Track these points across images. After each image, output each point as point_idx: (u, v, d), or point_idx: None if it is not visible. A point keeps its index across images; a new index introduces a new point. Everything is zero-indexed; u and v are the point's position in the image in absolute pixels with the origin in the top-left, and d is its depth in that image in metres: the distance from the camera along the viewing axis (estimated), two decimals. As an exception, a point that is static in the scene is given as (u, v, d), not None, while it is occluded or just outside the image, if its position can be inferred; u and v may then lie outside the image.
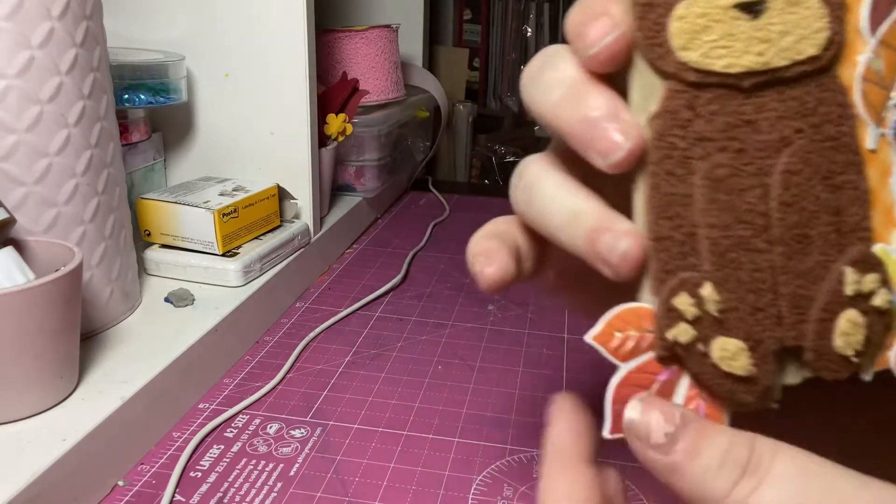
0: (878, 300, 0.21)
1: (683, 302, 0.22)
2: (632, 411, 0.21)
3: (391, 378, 0.49)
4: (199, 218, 0.54)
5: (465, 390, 0.48)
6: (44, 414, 0.37)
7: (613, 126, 0.21)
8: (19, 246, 0.39)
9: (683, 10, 0.21)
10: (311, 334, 0.55)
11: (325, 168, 0.70)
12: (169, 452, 0.41)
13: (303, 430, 0.43)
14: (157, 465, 0.40)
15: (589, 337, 0.22)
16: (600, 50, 0.21)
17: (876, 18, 0.22)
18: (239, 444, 0.42)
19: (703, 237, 0.22)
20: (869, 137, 0.22)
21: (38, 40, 0.38)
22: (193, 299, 0.51)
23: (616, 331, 0.22)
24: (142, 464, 0.40)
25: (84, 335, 0.44)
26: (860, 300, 0.22)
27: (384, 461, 0.40)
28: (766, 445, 0.19)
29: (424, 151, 1.02)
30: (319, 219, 0.69)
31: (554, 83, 0.22)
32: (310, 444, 0.42)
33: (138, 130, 0.59)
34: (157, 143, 0.63)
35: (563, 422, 0.23)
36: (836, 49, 0.22)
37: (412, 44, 1.10)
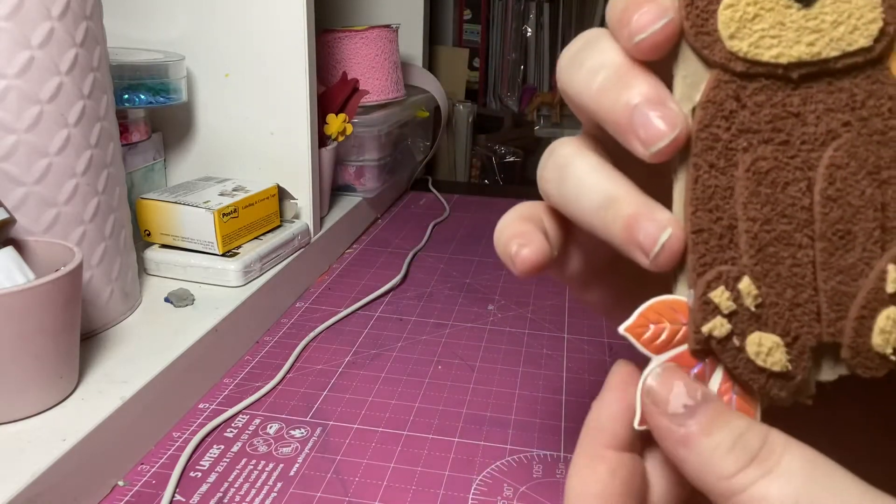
0: None
1: (720, 295, 0.21)
2: (653, 378, 0.20)
3: (391, 378, 0.49)
4: (199, 218, 0.54)
5: (465, 390, 0.48)
6: (44, 414, 0.37)
7: (658, 114, 0.20)
8: (19, 246, 0.39)
9: None
10: (311, 334, 0.55)
11: (325, 168, 0.70)
12: (169, 452, 0.41)
13: (303, 430, 0.43)
14: (157, 465, 0.40)
15: (622, 328, 0.22)
16: (647, 37, 0.20)
17: None
18: (239, 444, 0.42)
19: (743, 231, 0.22)
20: None
21: (38, 40, 0.38)
22: (193, 299, 0.51)
23: (650, 323, 0.22)
24: (142, 464, 0.40)
25: (84, 335, 0.44)
26: None
27: (384, 461, 0.40)
28: (778, 438, 0.19)
29: (424, 151, 1.02)
30: (319, 219, 0.69)
31: (596, 67, 0.21)
32: (310, 444, 0.42)
33: (138, 130, 0.59)
34: (157, 143, 0.63)
35: (606, 402, 0.22)
36: (888, 40, 0.21)
37: (412, 44, 1.10)
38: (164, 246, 0.56)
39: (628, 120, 0.21)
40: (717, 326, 0.21)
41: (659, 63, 0.21)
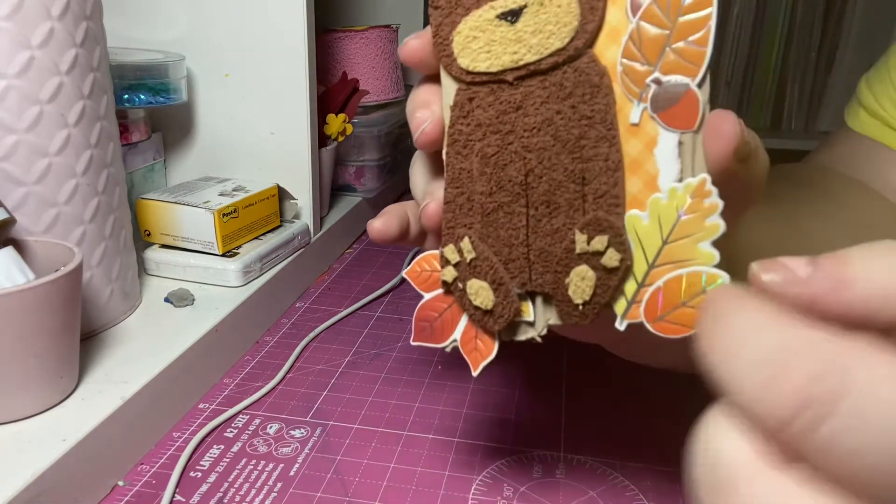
0: (605, 259, 0.25)
1: (449, 251, 0.28)
2: (766, 273, 0.19)
3: (391, 378, 0.49)
4: (199, 218, 0.54)
5: (465, 390, 0.48)
6: (44, 414, 0.37)
7: (418, 113, 0.28)
8: (19, 246, 0.39)
9: (462, 26, 0.26)
10: (311, 334, 0.55)
11: (325, 168, 0.70)
12: (169, 452, 0.41)
13: (303, 430, 0.43)
14: (157, 465, 0.40)
15: (403, 272, 0.30)
16: (402, 52, 0.28)
17: (637, 0, 0.24)
18: (239, 444, 0.42)
19: (476, 202, 0.27)
20: (633, 113, 0.25)
21: (38, 40, 0.38)
22: (193, 299, 0.51)
23: (422, 269, 0.29)
24: (142, 464, 0.40)
25: (84, 335, 0.44)
26: (592, 257, 0.25)
27: (384, 461, 0.40)
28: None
29: (424, 151, 1.02)
30: (319, 219, 0.69)
31: (415, 85, 0.30)
32: (310, 444, 0.42)
33: (138, 130, 0.59)
34: (157, 143, 0.63)
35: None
36: (585, 37, 0.25)
37: (412, 44, 1.09)
38: (164, 246, 0.56)
39: (409, 118, 0.29)
40: (447, 273, 0.28)
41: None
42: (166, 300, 0.51)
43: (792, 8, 1.48)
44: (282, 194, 0.62)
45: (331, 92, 0.72)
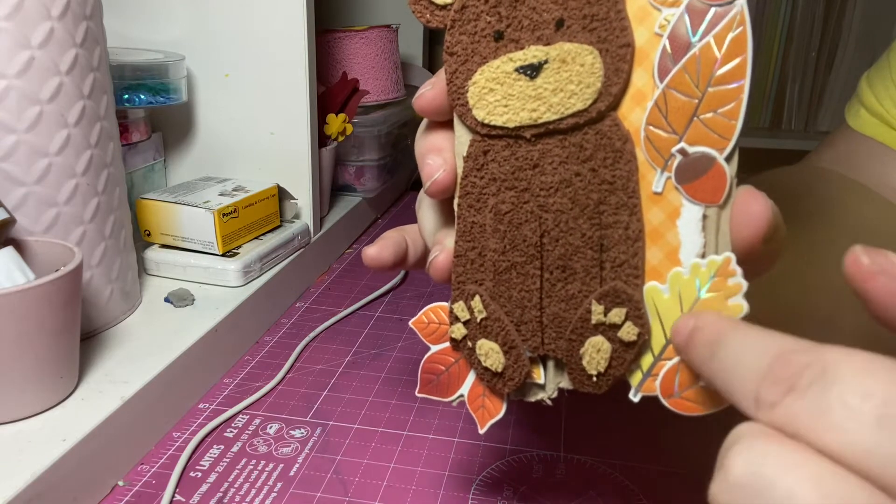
0: (623, 332, 0.24)
1: (459, 308, 0.27)
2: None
3: (391, 378, 0.49)
4: (199, 218, 0.54)
5: (465, 390, 0.48)
6: (44, 414, 0.37)
7: (429, 160, 0.27)
8: (19, 246, 0.39)
9: (477, 76, 0.25)
10: (311, 334, 0.55)
11: (325, 168, 0.70)
12: (169, 452, 0.41)
13: (303, 430, 0.43)
14: (157, 465, 0.40)
15: (411, 322, 0.29)
16: (417, 99, 0.27)
17: (665, 64, 0.23)
18: (239, 444, 0.42)
19: (488, 259, 0.26)
20: (656, 181, 0.24)
21: (38, 40, 0.38)
22: (193, 299, 0.51)
23: (429, 321, 0.29)
24: (142, 464, 0.40)
25: (84, 335, 0.44)
26: (609, 329, 0.25)
27: (384, 461, 0.40)
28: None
29: (424, 151, 1.01)
30: (319, 219, 0.69)
31: (419, 128, 0.29)
32: (310, 444, 0.42)
33: (138, 130, 0.59)
34: (157, 143, 0.63)
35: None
36: (609, 100, 0.24)
37: (412, 44, 1.10)
38: (164, 246, 0.56)
39: (419, 163, 0.27)
40: (456, 330, 0.27)
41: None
42: (166, 300, 0.51)
43: (792, 8, 1.48)
44: (282, 194, 0.62)
45: (331, 92, 0.72)
